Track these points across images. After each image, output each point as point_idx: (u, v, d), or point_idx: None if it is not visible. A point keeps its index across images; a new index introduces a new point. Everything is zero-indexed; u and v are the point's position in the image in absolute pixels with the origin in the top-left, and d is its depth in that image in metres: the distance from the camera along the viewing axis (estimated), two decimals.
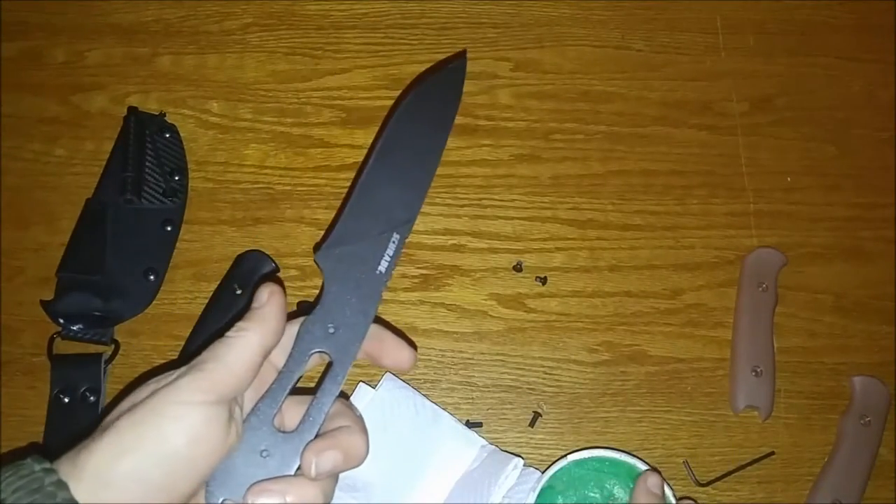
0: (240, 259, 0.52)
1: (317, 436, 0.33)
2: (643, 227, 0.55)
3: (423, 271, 0.53)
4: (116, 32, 0.57)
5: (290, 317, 0.35)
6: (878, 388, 0.51)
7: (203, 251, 0.53)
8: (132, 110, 0.55)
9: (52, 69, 0.57)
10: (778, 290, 0.53)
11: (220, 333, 0.50)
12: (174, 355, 0.51)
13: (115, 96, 0.56)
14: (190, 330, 0.51)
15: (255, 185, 0.55)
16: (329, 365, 0.35)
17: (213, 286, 0.52)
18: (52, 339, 0.50)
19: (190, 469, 0.30)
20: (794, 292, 0.54)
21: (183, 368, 0.32)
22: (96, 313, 0.51)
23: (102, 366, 0.50)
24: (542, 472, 0.47)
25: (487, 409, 0.51)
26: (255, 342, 0.33)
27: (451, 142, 0.56)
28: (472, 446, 0.48)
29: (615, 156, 0.56)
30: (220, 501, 0.32)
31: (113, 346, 0.51)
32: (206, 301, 0.51)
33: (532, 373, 0.52)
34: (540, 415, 0.51)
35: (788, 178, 0.56)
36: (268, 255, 0.52)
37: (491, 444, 0.49)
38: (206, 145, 0.55)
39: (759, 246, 0.54)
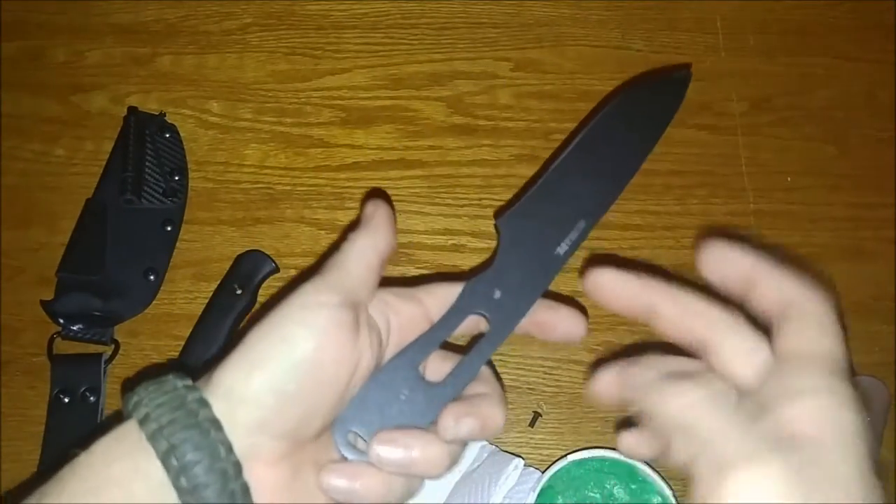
0: (240, 259, 0.52)
1: (458, 397, 0.33)
2: (643, 227, 0.55)
3: (423, 271, 0.53)
4: (116, 32, 0.57)
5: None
6: (878, 388, 0.51)
7: (203, 251, 0.53)
8: (132, 110, 0.55)
9: (52, 69, 0.57)
10: None
11: (220, 334, 0.50)
12: (174, 355, 0.51)
13: (115, 96, 0.56)
14: (190, 330, 0.51)
15: (255, 185, 0.55)
16: (486, 331, 0.34)
17: (213, 286, 0.52)
18: (51, 339, 0.50)
19: (321, 376, 0.30)
20: None
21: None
22: (96, 313, 0.51)
23: (102, 366, 0.50)
24: (543, 473, 0.47)
25: None
26: (368, 244, 0.33)
27: (452, 141, 0.56)
28: (472, 446, 0.48)
29: None
30: (349, 431, 0.31)
31: (113, 346, 0.51)
32: (207, 301, 0.51)
33: (532, 373, 0.52)
34: (540, 415, 0.51)
35: (788, 178, 0.56)
36: (268, 255, 0.52)
37: (491, 444, 0.49)
38: (206, 145, 0.55)
39: (760, 246, 0.54)
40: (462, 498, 0.46)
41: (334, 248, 0.35)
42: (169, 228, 0.53)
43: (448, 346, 0.35)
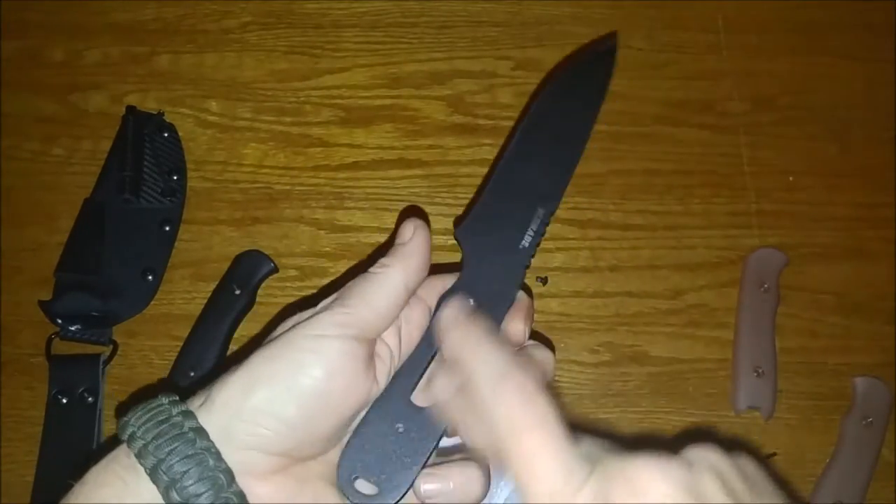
0: (238, 259, 0.52)
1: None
2: (644, 227, 0.54)
3: None
4: (114, 31, 0.57)
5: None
6: (880, 388, 0.51)
7: (201, 251, 0.53)
8: (130, 109, 0.55)
9: (49, 68, 0.56)
10: (780, 290, 0.53)
11: (219, 334, 0.50)
12: (173, 355, 0.50)
13: (113, 95, 0.56)
14: (188, 330, 0.51)
15: (254, 185, 0.54)
16: None
17: (212, 286, 0.52)
18: (50, 340, 0.50)
19: (326, 405, 0.29)
20: (796, 292, 0.54)
21: (324, 302, 0.31)
22: (94, 313, 0.50)
23: (101, 366, 0.50)
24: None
25: None
26: (399, 279, 0.31)
27: (452, 141, 0.55)
28: None
29: (616, 155, 0.56)
30: (354, 478, 0.31)
31: (111, 347, 0.51)
32: (205, 301, 0.51)
33: None
34: None
35: (790, 178, 0.56)
36: (267, 255, 0.52)
37: None
38: (204, 144, 0.55)
39: (761, 246, 0.54)
40: None
41: (354, 271, 0.33)
42: (167, 228, 0.53)
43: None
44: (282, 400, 0.28)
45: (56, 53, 0.57)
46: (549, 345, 0.35)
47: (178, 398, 0.29)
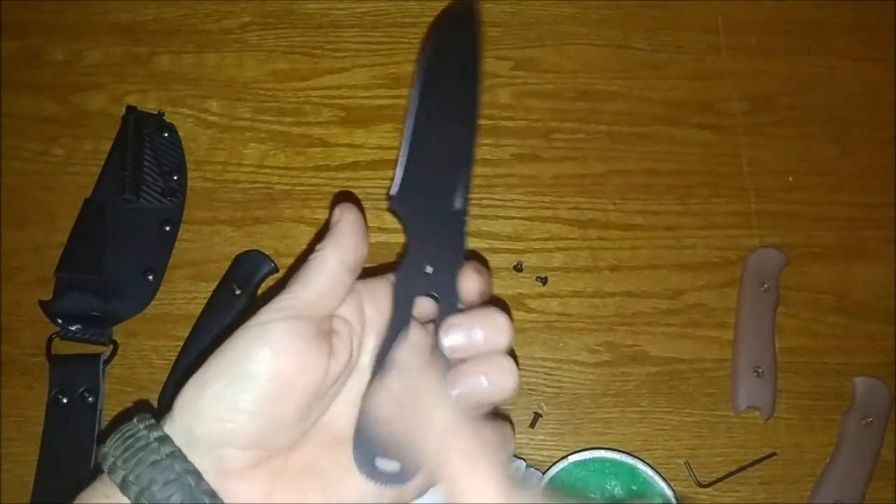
0: (239, 259, 0.52)
1: None
2: (644, 227, 0.54)
3: None
4: (115, 31, 0.57)
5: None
6: (879, 388, 0.51)
7: (202, 251, 0.53)
8: (131, 109, 0.55)
9: (50, 68, 0.56)
10: (779, 290, 0.53)
11: (219, 334, 0.50)
12: (173, 356, 0.50)
13: (113, 95, 0.56)
14: (189, 330, 0.51)
15: (254, 185, 0.54)
16: (438, 308, 0.34)
17: (212, 286, 0.52)
18: (50, 340, 0.50)
19: (282, 387, 0.29)
20: (796, 292, 0.54)
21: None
22: (95, 313, 0.50)
23: (101, 366, 0.50)
24: (543, 474, 0.47)
25: None
26: (334, 257, 0.32)
27: None
28: None
29: (616, 155, 0.56)
30: (373, 457, 0.31)
31: (111, 347, 0.51)
32: (205, 301, 0.51)
33: (532, 373, 0.51)
34: (540, 415, 0.51)
35: (790, 178, 0.56)
36: (267, 255, 0.52)
37: None
38: (204, 145, 0.55)
39: (761, 246, 0.54)
40: None
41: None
42: (167, 228, 0.53)
43: None
44: (235, 389, 0.29)
45: (56, 53, 0.57)
46: (506, 309, 0.36)
47: (153, 421, 0.29)
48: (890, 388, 0.51)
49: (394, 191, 0.36)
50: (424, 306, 0.34)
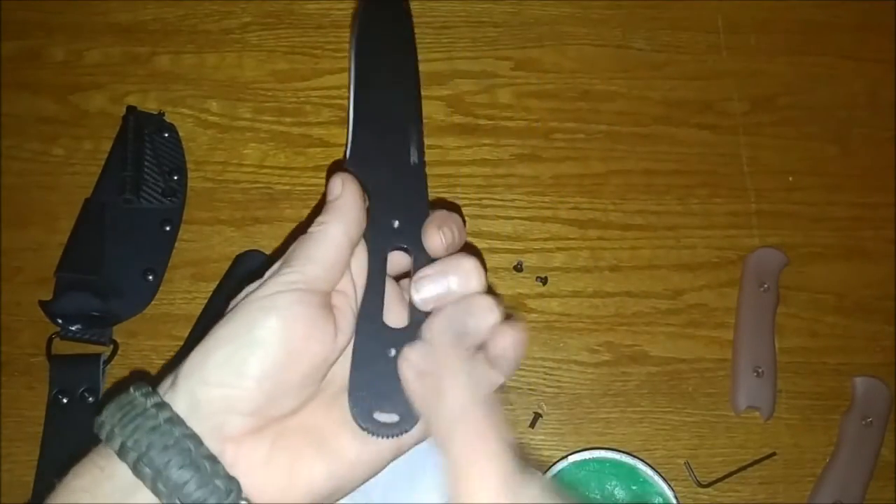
0: (239, 259, 0.52)
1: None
2: (644, 227, 0.54)
3: None
4: (115, 31, 0.57)
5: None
6: (879, 388, 0.51)
7: (202, 251, 0.53)
8: (131, 110, 0.55)
9: (50, 68, 0.56)
10: (779, 290, 0.53)
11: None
12: (173, 355, 0.50)
13: (113, 96, 0.56)
14: (188, 330, 0.51)
15: (255, 185, 0.54)
16: (412, 260, 0.34)
17: (212, 286, 0.52)
18: (50, 340, 0.50)
19: (289, 354, 0.29)
20: (796, 292, 0.54)
21: (270, 270, 0.32)
22: (95, 313, 0.50)
23: (101, 366, 0.50)
24: (543, 474, 0.47)
25: None
26: (338, 232, 0.32)
27: (452, 141, 0.55)
28: None
29: (616, 155, 0.56)
30: (372, 412, 0.31)
31: (112, 347, 0.51)
32: (205, 301, 0.51)
33: (532, 373, 0.51)
34: (540, 415, 0.51)
35: (790, 178, 0.56)
36: (267, 256, 0.52)
37: None
38: (204, 145, 0.55)
39: (761, 246, 0.54)
40: None
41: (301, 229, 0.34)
42: (168, 228, 0.53)
43: None
44: (241, 355, 0.29)
45: (56, 53, 0.57)
46: (479, 256, 0.36)
47: (150, 389, 0.29)
48: (890, 388, 0.51)
49: (347, 155, 0.36)
50: (399, 260, 0.34)
